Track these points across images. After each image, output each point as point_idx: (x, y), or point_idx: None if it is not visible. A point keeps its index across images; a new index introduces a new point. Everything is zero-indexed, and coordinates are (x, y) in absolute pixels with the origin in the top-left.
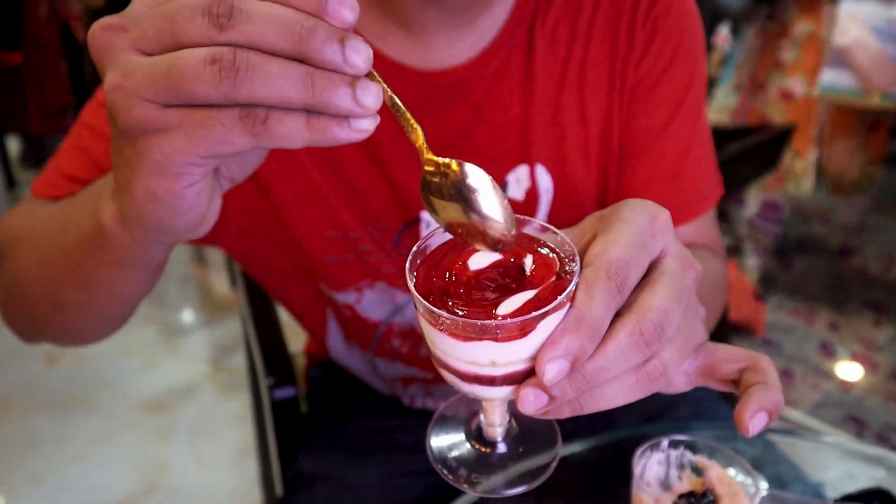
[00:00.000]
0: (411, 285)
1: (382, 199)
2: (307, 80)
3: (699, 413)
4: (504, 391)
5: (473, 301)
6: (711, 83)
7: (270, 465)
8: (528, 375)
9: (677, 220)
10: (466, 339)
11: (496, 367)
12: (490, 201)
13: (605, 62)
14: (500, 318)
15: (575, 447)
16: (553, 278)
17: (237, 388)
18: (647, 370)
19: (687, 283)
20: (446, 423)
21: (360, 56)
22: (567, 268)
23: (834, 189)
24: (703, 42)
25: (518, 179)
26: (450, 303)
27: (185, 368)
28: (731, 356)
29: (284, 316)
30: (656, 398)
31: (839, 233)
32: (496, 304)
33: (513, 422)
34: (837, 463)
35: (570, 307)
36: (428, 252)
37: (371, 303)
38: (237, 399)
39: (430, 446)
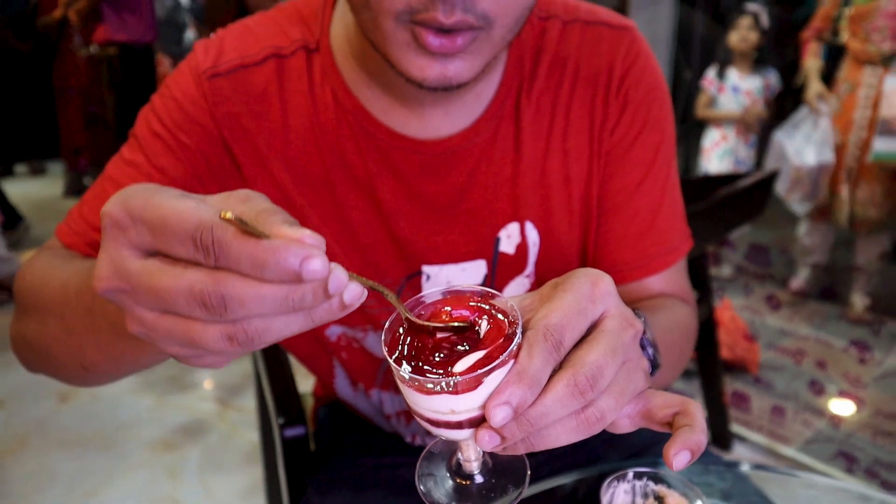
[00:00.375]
0: (385, 351)
1: (387, 254)
2: (307, 319)
3: None
4: (466, 433)
5: (435, 361)
6: None
7: (280, 501)
8: (484, 420)
9: (650, 270)
10: (429, 393)
11: (456, 414)
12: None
13: (585, 130)
14: (454, 376)
15: (562, 479)
16: (501, 340)
17: (246, 427)
18: (585, 415)
19: (625, 340)
20: (432, 459)
21: (339, 288)
22: (512, 330)
23: (858, 225)
24: (670, 110)
25: (509, 235)
26: (414, 364)
27: (195, 407)
28: (665, 402)
29: (294, 358)
30: (640, 437)
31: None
32: (454, 363)
33: (487, 458)
34: (809, 496)
35: (514, 364)
36: (401, 320)
37: (373, 342)
38: (246, 437)
39: (418, 480)
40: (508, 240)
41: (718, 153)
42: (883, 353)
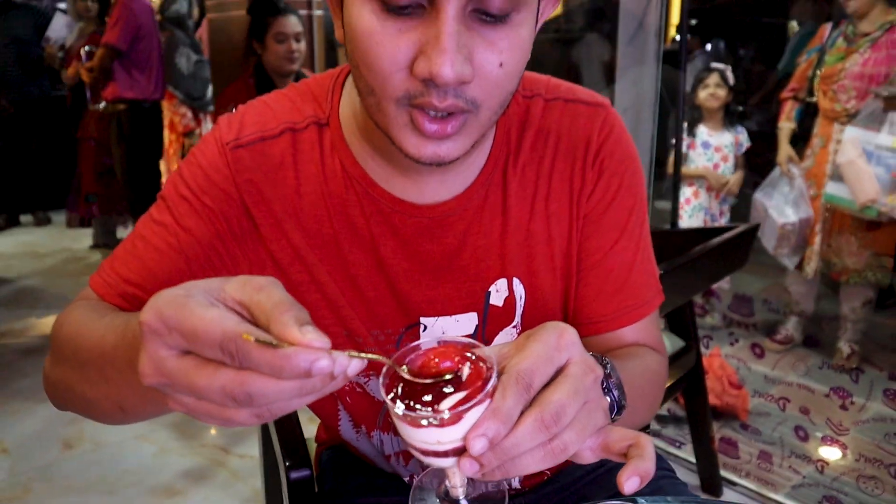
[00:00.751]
0: (382, 392)
1: (388, 307)
2: (319, 393)
3: (656, 490)
4: (451, 461)
5: (424, 401)
6: None
7: None
8: (466, 449)
9: (624, 322)
10: (418, 426)
11: (442, 444)
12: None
13: (565, 196)
14: (440, 413)
15: None
16: (480, 382)
17: (248, 474)
18: (551, 447)
19: (586, 384)
20: (424, 489)
21: (342, 371)
22: (489, 375)
23: (835, 274)
24: (641, 177)
25: (498, 290)
26: (406, 402)
27: (198, 454)
28: (622, 436)
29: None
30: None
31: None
32: (440, 402)
33: (471, 486)
34: None
35: (490, 402)
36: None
37: (375, 387)
38: (249, 484)
39: None
40: (497, 294)
41: (689, 210)
42: (863, 399)
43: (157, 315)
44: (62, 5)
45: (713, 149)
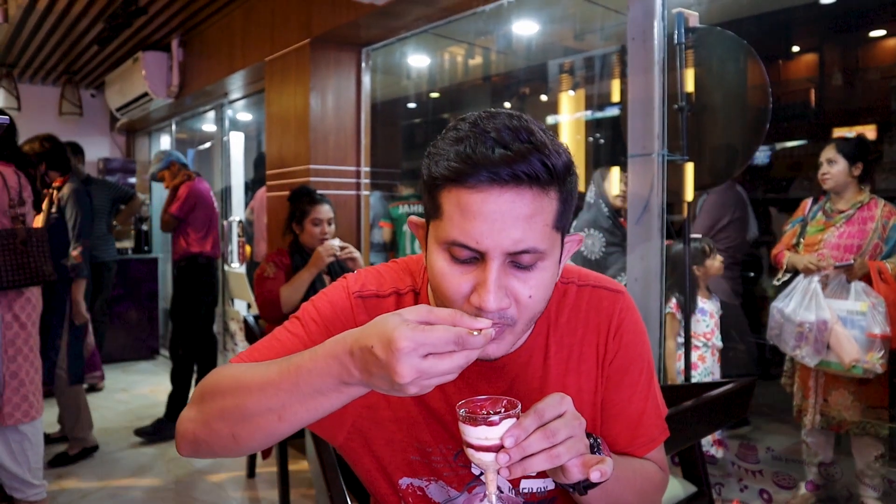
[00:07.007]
0: (459, 412)
1: (453, 426)
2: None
3: None
4: (491, 456)
5: (481, 415)
6: None
7: None
8: (502, 447)
9: (639, 453)
10: (475, 425)
11: (488, 440)
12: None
13: (593, 360)
14: (488, 416)
15: None
16: (513, 410)
17: None
18: (550, 453)
19: (574, 424)
20: None
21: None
22: (518, 406)
23: (834, 427)
24: (649, 348)
25: None
26: (469, 414)
27: None
28: (595, 457)
29: None
30: None
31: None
32: (489, 416)
33: (500, 500)
34: None
35: (517, 420)
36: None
37: (434, 491)
38: None
39: None
40: None
41: (696, 375)
42: None
43: (410, 340)
44: (132, 180)
45: (709, 314)
